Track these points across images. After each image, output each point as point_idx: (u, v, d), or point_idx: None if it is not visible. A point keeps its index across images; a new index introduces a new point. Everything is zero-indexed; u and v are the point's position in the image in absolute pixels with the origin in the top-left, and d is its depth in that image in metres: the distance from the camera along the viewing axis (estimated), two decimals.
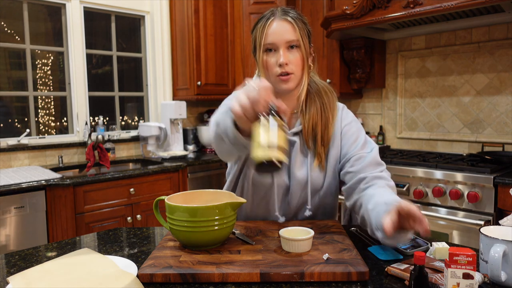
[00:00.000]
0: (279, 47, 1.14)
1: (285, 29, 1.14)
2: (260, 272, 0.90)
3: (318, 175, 1.22)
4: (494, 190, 2.07)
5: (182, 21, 3.26)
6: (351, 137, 1.23)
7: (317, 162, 1.21)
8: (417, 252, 0.77)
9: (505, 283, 0.86)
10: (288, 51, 1.15)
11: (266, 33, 1.14)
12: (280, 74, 1.15)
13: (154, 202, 1.15)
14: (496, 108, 2.62)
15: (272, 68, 1.16)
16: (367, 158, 1.18)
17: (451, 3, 2.14)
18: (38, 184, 2.21)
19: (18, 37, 2.84)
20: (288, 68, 1.14)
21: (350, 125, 1.25)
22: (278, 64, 1.14)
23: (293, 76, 1.16)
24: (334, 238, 1.11)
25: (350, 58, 3.03)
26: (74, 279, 0.87)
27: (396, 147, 3.16)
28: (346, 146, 1.22)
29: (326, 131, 1.21)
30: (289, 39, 1.14)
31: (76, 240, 1.25)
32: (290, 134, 1.21)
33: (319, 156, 1.20)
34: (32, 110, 2.89)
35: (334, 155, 1.23)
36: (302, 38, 1.15)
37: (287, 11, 1.17)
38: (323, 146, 1.21)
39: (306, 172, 1.21)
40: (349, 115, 1.29)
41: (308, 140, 1.21)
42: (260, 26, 1.17)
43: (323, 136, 1.21)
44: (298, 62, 1.16)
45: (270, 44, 1.15)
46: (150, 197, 2.68)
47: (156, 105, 3.45)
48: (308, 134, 1.21)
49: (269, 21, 1.15)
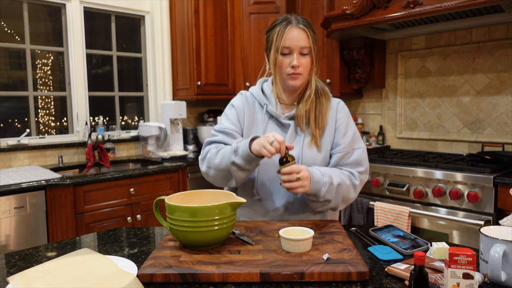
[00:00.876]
0: (294, 51, 1.33)
1: (301, 36, 1.32)
2: (260, 272, 0.90)
3: (314, 154, 1.36)
4: (494, 190, 2.07)
5: (182, 21, 3.26)
6: (343, 130, 1.40)
7: (312, 142, 1.37)
8: (417, 252, 0.77)
9: (505, 283, 0.86)
10: (300, 55, 1.34)
11: (285, 37, 1.32)
12: (291, 74, 1.34)
13: (154, 202, 1.15)
14: (496, 108, 2.62)
15: (285, 68, 1.35)
16: (352, 157, 1.37)
17: (451, 3, 2.14)
18: (38, 184, 2.21)
19: (18, 37, 2.84)
20: (299, 70, 1.33)
21: (344, 118, 1.42)
22: (291, 65, 1.33)
23: (301, 77, 1.35)
24: (334, 238, 1.11)
25: (350, 58, 3.03)
26: (74, 279, 0.87)
27: (396, 147, 3.16)
28: (338, 137, 1.39)
29: (321, 116, 1.39)
30: (303, 45, 1.33)
31: (76, 240, 1.25)
32: (285, 118, 1.40)
33: (313, 137, 1.37)
34: (32, 110, 2.89)
35: (328, 141, 1.39)
36: (313, 46, 1.35)
37: (301, 19, 1.36)
38: (317, 129, 1.38)
39: (299, 150, 1.35)
40: (344, 109, 1.45)
41: (301, 123, 1.38)
42: (279, 30, 1.34)
43: (317, 120, 1.38)
44: (308, 65, 1.36)
45: (286, 47, 1.33)
46: (150, 197, 2.68)
47: (156, 105, 3.45)
48: (301, 118, 1.38)
49: (288, 27, 1.33)
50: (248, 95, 1.48)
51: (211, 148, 1.38)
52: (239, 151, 1.24)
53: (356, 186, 1.35)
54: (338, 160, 1.37)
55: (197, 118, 3.72)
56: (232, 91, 3.38)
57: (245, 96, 1.47)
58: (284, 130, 1.40)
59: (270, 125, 1.41)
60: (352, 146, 1.39)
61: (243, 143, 1.25)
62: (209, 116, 3.57)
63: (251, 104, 1.45)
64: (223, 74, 3.35)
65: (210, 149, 1.38)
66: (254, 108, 1.45)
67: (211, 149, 1.37)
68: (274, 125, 1.41)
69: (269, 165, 1.35)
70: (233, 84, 3.40)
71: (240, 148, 1.24)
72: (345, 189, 1.31)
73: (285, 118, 1.40)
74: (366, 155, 1.41)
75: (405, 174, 2.40)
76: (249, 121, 1.43)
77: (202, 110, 3.73)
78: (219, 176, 1.34)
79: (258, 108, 1.45)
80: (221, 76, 3.34)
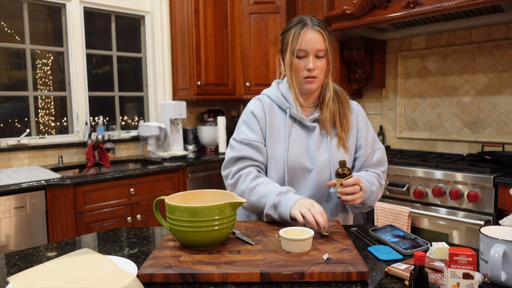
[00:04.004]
0: (309, 54, 1.30)
1: (317, 39, 1.30)
2: (260, 272, 0.90)
3: (343, 156, 1.36)
4: (494, 190, 2.07)
5: (182, 21, 3.26)
6: (364, 132, 1.42)
7: (340, 144, 1.37)
8: (417, 252, 0.77)
9: (505, 283, 0.86)
10: (316, 58, 1.31)
11: (300, 40, 1.30)
12: (307, 77, 1.32)
13: (154, 202, 1.15)
14: (496, 108, 2.62)
15: (300, 71, 1.32)
16: (374, 158, 1.40)
17: (451, 3, 2.14)
18: (38, 184, 2.21)
19: (18, 37, 2.84)
20: (314, 73, 1.31)
21: (364, 120, 1.44)
22: (307, 68, 1.30)
23: (317, 80, 1.33)
24: (334, 238, 1.11)
25: (350, 58, 3.03)
26: (74, 279, 0.87)
27: (396, 147, 3.16)
28: (362, 139, 1.41)
29: (345, 119, 1.40)
30: (319, 48, 1.30)
31: (76, 240, 1.25)
32: (310, 121, 1.38)
33: (341, 139, 1.37)
34: (32, 110, 2.89)
35: (352, 142, 1.41)
36: (329, 47, 1.32)
37: (317, 21, 1.32)
38: (343, 131, 1.38)
39: (328, 153, 1.35)
40: (363, 111, 1.48)
41: (326, 126, 1.37)
42: (295, 32, 1.31)
43: (342, 123, 1.39)
44: (323, 68, 1.33)
45: (302, 50, 1.30)
46: (150, 197, 2.68)
47: (156, 105, 3.45)
48: (327, 121, 1.37)
49: (304, 30, 1.30)
50: (266, 100, 1.41)
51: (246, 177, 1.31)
52: (279, 210, 1.21)
53: (383, 186, 1.40)
54: (363, 161, 1.40)
55: (197, 118, 3.72)
56: (232, 91, 3.38)
57: (263, 101, 1.41)
58: (309, 133, 1.38)
59: (294, 128, 1.37)
60: (373, 147, 1.41)
61: (285, 204, 1.20)
62: (209, 116, 3.57)
63: (270, 108, 1.39)
64: (223, 74, 3.35)
65: (242, 175, 1.32)
66: (274, 112, 1.39)
67: (246, 178, 1.30)
68: (299, 129, 1.38)
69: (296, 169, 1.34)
70: (233, 84, 3.40)
71: (281, 208, 1.20)
72: (379, 191, 1.36)
73: (309, 121, 1.37)
74: (385, 155, 1.45)
75: (405, 174, 2.40)
76: (270, 126, 1.38)
77: (202, 110, 3.73)
78: (249, 209, 1.34)
79: (278, 112, 1.39)
80: (221, 76, 3.34)
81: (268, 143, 1.37)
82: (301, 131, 1.38)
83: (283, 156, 1.33)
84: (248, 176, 1.31)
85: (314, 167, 1.34)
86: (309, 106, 1.41)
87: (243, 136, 1.36)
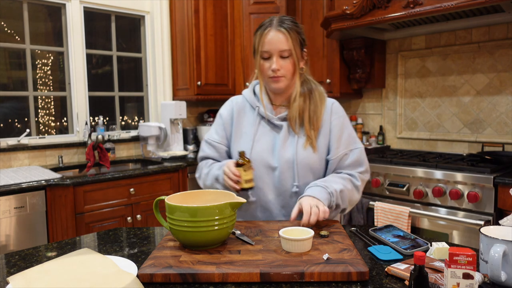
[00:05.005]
0: (273, 55, 1.32)
1: (279, 39, 1.30)
2: (260, 272, 0.90)
3: (310, 155, 1.35)
4: (494, 190, 2.07)
5: (182, 21, 3.26)
6: (338, 132, 1.39)
7: (308, 143, 1.35)
8: (417, 252, 0.77)
9: (505, 283, 0.86)
10: (280, 58, 1.32)
11: (263, 41, 1.32)
12: (272, 77, 1.34)
13: (154, 202, 1.15)
14: (496, 108, 2.62)
15: (266, 71, 1.35)
16: (350, 158, 1.37)
17: (451, 3, 2.14)
18: (38, 184, 2.21)
19: (18, 37, 2.84)
20: (280, 73, 1.33)
21: (338, 120, 1.41)
22: (271, 69, 1.32)
23: (284, 79, 1.34)
24: (334, 238, 1.11)
25: (350, 58, 3.03)
26: (74, 279, 0.87)
27: (396, 147, 3.16)
28: (334, 139, 1.38)
29: (315, 117, 1.38)
30: (282, 48, 1.31)
31: (76, 240, 1.25)
32: (278, 120, 1.39)
33: (309, 138, 1.36)
34: (32, 110, 2.89)
35: (323, 142, 1.38)
36: (294, 47, 1.32)
37: (283, 21, 1.33)
38: (312, 130, 1.37)
39: (293, 151, 1.35)
40: (339, 110, 1.43)
41: (293, 125, 1.37)
42: (259, 34, 1.34)
43: (312, 121, 1.37)
44: (289, 67, 1.34)
45: (265, 51, 1.32)
46: (150, 197, 2.68)
47: (156, 105, 3.45)
48: (294, 119, 1.37)
49: (266, 31, 1.32)
50: (239, 99, 1.49)
51: (203, 167, 1.46)
52: (220, 179, 1.34)
53: (358, 187, 1.36)
54: (335, 164, 1.37)
55: (197, 118, 3.72)
56: (232, 91, 3.38)
57: (234, 102, 1.48)
58: (277, 131, 1.39)
59: (262, 127, 1.40)
60: (349, 148, 1.38)
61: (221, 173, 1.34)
62: (209, 116, 3.57)
63: (241, 108, 1.46)
64: (223, 74, 3.35)
65: (202, 167, 1.47)
66: (245, 111, 1.45)
67: (203, 169, 1.46)
68: (267, 127, 1.40)
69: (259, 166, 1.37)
70: (233, 84, 3.40)
71: (220, 178, 1.34)
72: (349, 193, 1.32)
73: (277, 120, 1.39)
74: (364, 155, 1.41)
75: (405, 174, 2.40)
76: (237, 125, 1.44)
77: (202, 110, 3.73)
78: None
79: (250, 111, 1.45)
80: (221, 76, 3.34)
81: (234, 141, 1.43)
82: (269, 130, 1.40)
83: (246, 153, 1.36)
84: (205, 165, 1.46)
85: (278, 165, 1.35)
86: (280, 105, 1.43)
87: (208, 136, 1.50)
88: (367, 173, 1.40)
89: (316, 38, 3.13)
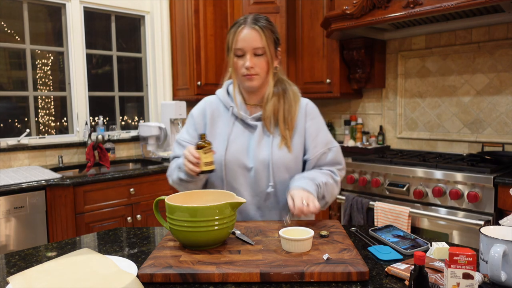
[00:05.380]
0: (246, 52, 1.31)
1: (252, 37, 1.30)
2: (260, 272, 0.90)
3: (285, 154, 1.34)
4: (494, 190, 2.07)
5: (182, 21, 3.26)
6: (314, 132, 1.39)
7: (283, 143, 1.35)
8: (417, 252, 0.77)
9: (505, 283, 0.86)
10: (254, 56, 1.31)
11: (236, 39, 1.31)
12: (246, 75, 1.32)
13: (154, 202, 1.15)
14: (496, 108, 2.62)
15: (240, 69, 1.33)
16: (329, 157, 1.38)
17: (451, 3, 2.14)
18: (38, 184, 2.21)
19: (18, 37, 2.84)
20: (253, 70, 1.32)
21: (314, 120, 1.41)
22: (245, 67, 1.31)
23: (257, 77, 1.33)
24: (334, 238, 1.11)
25: (350, 58, 3.03)
26: (74, 279, 0.87)
27: (396, 147, 3.16)
28: (310, 139, 1.38)
29: (290, 116, 1.37)
30: (256, 46, 1.30)
31: (76, 240, 1.25)
32: (252, 120, 1.38)
33: (283, 137, 1.35)
34: (32, 110, 2.89)
35: (298, 142, 1.38)
36: (268, 45, 1.31)
37: (257, 19, 1.33)
38: (287, 129, 1.36)
39: (268, 151, 1.34)
40: (314, 110, 1.43)
41: (268, 124, 1.36)
42: (232, 32, 1.33)
43: (287, 121, 1.36)
44: (263, 65, 1.33)
45: (239, 49, 1.31)
46: (150, 197, 2.68)
47: (156, 105, 3.45)
48: (268, 119, 1.36)
49: (240, 28, 1.31)
50: (212, 99, 1.47)
51: (172, 164, 1.43)
52: (181, 166, 1.30)
53: (337, 182, 1.39)
54: (314, 162, 1.38)
55: None
56: None
57: (208, 102, 1.46)
58: (251, 131, 1.38)
59: (237, 127, 1.39)
60: (327, 146, 1.39)
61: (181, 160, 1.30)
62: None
63: (214, 108, 1.44)
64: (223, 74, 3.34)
65: (171, 164, 1.44)
66: (219, 112, 1.43)
67: (171, 165, 1.43)
68: (241, 127, 1.39)
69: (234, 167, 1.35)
70: None
71: (181, 164, 1.30)
72: (331, 186, 1.34)
73: (251, 120, 1.38)
74: (341, 153, 1.44)
75: (405, 174, 2.40)
76: (211, 125, 1.41)
77: None
78: (181, 188, 1.38)
79: (224, 111, 1.43)
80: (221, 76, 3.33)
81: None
82: (244, 130, 1.38)
83: (221, 154, 1.35)
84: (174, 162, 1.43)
85: (253, 165, 1.34)
86: (255, 105, 1.41)
87: (179, 136, 1.46)
88: (344, 170, 1.43)
89: (316, 38, 3.13)
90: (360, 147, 3.10)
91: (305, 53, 3.23)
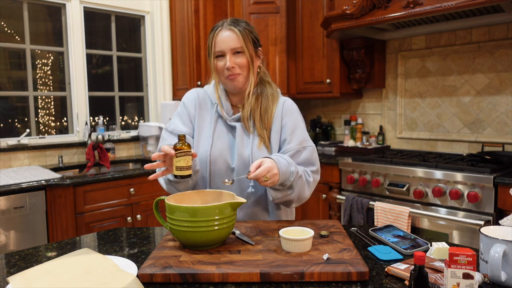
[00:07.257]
0: (226, 54, 1.32)
1: (230, 37, 1.32)
2: (260, 272, 0.90)
3: (264, 154, 1.33)
4: (494, 190, 2.07)
5: (182, 21, 3.26)
6: (290, 128, 1.37)
7: (261, 142, 1.35)
8: (417, 252, 0.77)
9: (505, 283, 0.86)
10: (234, 56, 1.33)
11: (215, 41, 1.34)
12: (228, 76, 1.33)
13: (154, 202, 1.15)
14: (496, 108, 2.62)
15: (222, 71, 1.34)
16: (302, 155, 1.35)
17: (451, 3, 2.14)
18: (38, 184, 2.21)
19: (18, 37, 2.84)
20: (235, 70, 1.33)
21: (291, 116, 1.39)
22: (226, 68, 1.32)
23: (240, 76, 1.34)
24: (334, 238, 1.11)
25: (350, 58, 3.03)
26: (74, 279, 0.87)
27: (396, 147, 3.16)
28: (285, 135, 1.37)
29: (266, 116, 1.37)
30: (234, 46, 1.32)
31: (76, 240, 1.25)
32: (232, 120, 1.38)
33: (261, 137, 1.36)
34: (32, 110, 2.89)
35: (276, 138, 1.37)
36: (245, 44, 1.33)
37: (234, 21, 1.35)
38: (264, 129, 1.36)
39: (249, 152, 1.34)
40: (291, 107, 1.42)
41: (247, 125, 1.37)
42: (211, 36, 1.36)
43: (263, 120, 1.37)
44: (244, 64, 1.34)
45: (218, 51, 1.33)
46: (150, 197, 2.68)
47: (156, 105, 3.45)
48: (246, 119, 1.37)
49: (217, 31, 1.34)
50: (201, 92, 1.46)
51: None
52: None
53: (310, 183, 1.34)
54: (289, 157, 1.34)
55: None
56: None
57: (198, 93, 1.46)
58: (232, 131, 1.38)
59: (218, 126, 1.39)
60: (302, 144, 1.36)
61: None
62: None
63: (202, 101, 1.44)
64: None
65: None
66: (206, 105, 1.43)
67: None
68: (223, 127, 1.39)
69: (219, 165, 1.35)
70: None
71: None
72: (303, 183, 1.30)
73: (231, 120, 1.38)
74: (316, 155, 1.40)
75: (405, 174, 2.40)
76: (199, 118, 1.41)
77: None
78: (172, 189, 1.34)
79: (210, 107, 1.43)
80: None
81: (196, 135, 1.41)
82: (226, 129, 1.39)
83: (206, 151, 1.35)
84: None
85: (236, 165, 1.34)
86: (236, 105, 1.42)
87: (174, 126, 1.40)
88: (317, 173, 1.38)
89: (316, 38, 3.13)
90: (360, 147, 3.10)
91: (305, 53, 3.23)
